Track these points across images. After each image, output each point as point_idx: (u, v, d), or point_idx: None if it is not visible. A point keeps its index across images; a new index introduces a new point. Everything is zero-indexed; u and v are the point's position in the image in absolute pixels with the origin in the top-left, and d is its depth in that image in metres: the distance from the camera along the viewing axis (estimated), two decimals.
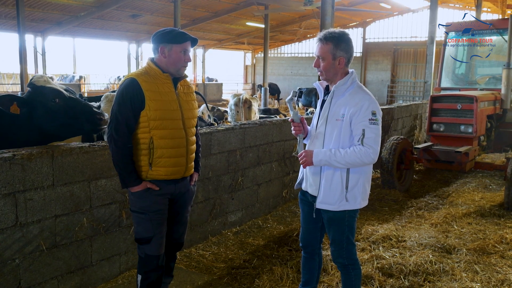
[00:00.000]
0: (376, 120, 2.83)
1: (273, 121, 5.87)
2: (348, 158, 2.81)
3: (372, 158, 2.83)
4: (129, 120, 2.89)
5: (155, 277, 3.09)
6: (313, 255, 3.31)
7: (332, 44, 2.87)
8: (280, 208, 5.97)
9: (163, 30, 3.01)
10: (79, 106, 3.41)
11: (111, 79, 29.45)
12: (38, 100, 3.32)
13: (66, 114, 3.36)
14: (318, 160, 2.89)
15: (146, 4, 19.86)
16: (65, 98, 3.37)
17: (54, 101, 3.33)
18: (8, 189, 3.04)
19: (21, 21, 13.96)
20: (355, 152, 2.80)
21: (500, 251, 4.59)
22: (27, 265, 3.22)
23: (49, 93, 3.33)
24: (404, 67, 27.97)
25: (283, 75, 32.41)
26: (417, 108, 10.27)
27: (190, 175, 3.21)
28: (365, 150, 2.80)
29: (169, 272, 3.39)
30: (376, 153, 2.84)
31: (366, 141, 2.81)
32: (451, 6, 25.22)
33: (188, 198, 3.25)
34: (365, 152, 2.80)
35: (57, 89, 3.38)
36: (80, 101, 3.47)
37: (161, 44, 2.97)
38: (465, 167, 6.95)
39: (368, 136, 2.81)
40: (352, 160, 2.82)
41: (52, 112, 3.34)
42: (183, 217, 3.28)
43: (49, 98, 3.32)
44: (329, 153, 2.85)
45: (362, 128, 2.81)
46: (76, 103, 3.42)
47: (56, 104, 3.33)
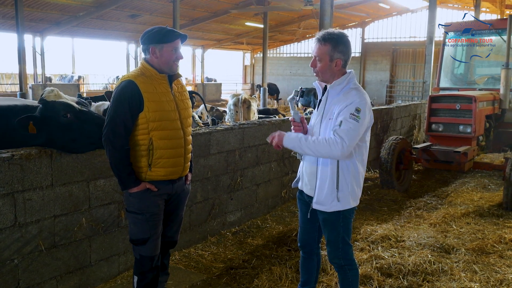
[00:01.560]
0: (357, 117, 2.73)
1: (272, 121, 5.87)
2: (318, 145, 2.74)
3: (341, 151, 2.70)
4: (127, 122, 2.88)
5: (151, 277, 3.10)
6: (311, 255, 3.31)
7: (330, 46, 2.84)
8: (279, 208, 5.97)
9: (151, 30, 2.98)
10: (91, 120, 3.32)
11: (110, 79, 29.41)
12: (49, 116, 3.24)
13: (78, 129, 3.27)
14: (288, 142, 2.86)
15: (145, 4, 19.83)
16: (76, 112, 3.29)
17: (66, 116, 3.24)
18: (7, 189, 3.04)
19: (20, 21, 13.93)
20: (326, 141, 2.72)
21: (499, 251, 4.60)
22: (26, 265, 3.21)
23: (60, 108, 3.25)
24: (403, 67, 27.96)
25: (282, 75, 32.37)
26: (416, 108, 10.28)
27: (185, 175, 3.23)
28: (334, 139, 2.71)
29: (164, 270, 3.39)
30: (347, 148, 2.70)
31: (339, 131, 2.71)
32: (449, 6, 25.24)
33: (183, 198, 3.28)
34: (334, 141, 2.70)
35: (68, 104, 3.31)
36: (92, 114, 3.38)
37: (151, 45, 2.96)
38: (464, 167, 6.95)
39: (342, 128, 2.71)
40: (321, 149, 2.74)
41: (64, 128, 3.25)
42: (178, 216, 3.30)
43: (60, 113, 3.23)
44: (301, 137, 2.81)
45: (340, 120, 2.75)
46: (88, 117, 3.33)
47: (67, 119, 3.24)
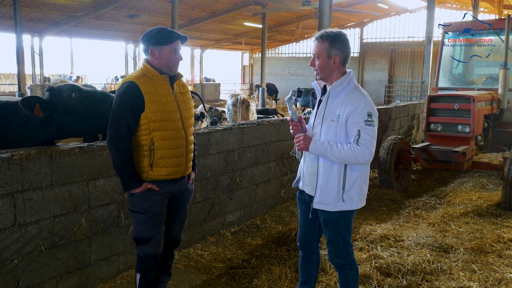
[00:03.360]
0: (372, 122, 2.83)
1: (271, 121, 5.88)
2: (344, 154, 2.81)
3: (367, 158, 2.83)
4: (130, 123, 2.89)
5: (153, 275, 3.12)
6: (310, 255, 3.31)
7: (327, 43, 2.87)
8: (278, 208, 5.97)
9: (151, 30, 2.99)
10: (97, 96, 3.34)
11: (108, 79, 29.38)
12: (56, 100, 3.28)
13: (86, 106, 3.29)
14: (314, 148, 2.88)
15: (144, 4, 19.82)
16: (81, 90, 3.32)
17: (71, 96, 3.28)
18: (7, 189, 3.04)
19: (18, 21, 13.94)
20: (351, 149, 2.80)
21: (498, 250, 4.61)
22: (25, 266, 3.22)
23: (65, 90, 3.30)
24: (402, 67, 28.01)
25: (281, 75, 32.39)
26: (414, 108, 10.29)
27: (188, 174, 3.23)
28: (360, 149, 2.80)
29: (167, 270, 3.40)
30: (371, 154, 2.84)
31: (361, 141, 2.81)
32: (448, 6, 25.30)
33: (186, 197, 3.28)
34: (360, 151, 2.80)
35: (72, 84, 3.35)
36: (97, 91, 3.41)
37: (151, 46, 2.97)
38: (463, 166, 6.97)
39: (363, 137, 2.81)
40: (347, 157, 2.81)
41: (71, 108, 3.28)
42: (181, 215, 3.31)
43: (65, 94, 3.28)
44: (327, 144, 2.84)
45: (357, 129, 2.81)
46: (94, 94, 3.35)
47: (73, 98, 3.28)
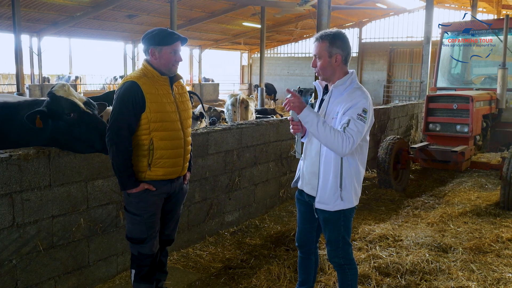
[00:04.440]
0: (364, 118, 2.79)
1: (270, 121, 5.88)
2: (330, 134, 2.74)
3: (349, 148, 2.75)
4: (131, 123, 2.90)
5: (148, 270, 3.15)
6: (309, 255, 3.31)
7: (327, 42, 2.88)
8: (277, 208, 5.97)
9: (152, 31, 3.00)
10: (94, 123, 3.22)
11: (107, 79, 29.38)
12: (55, 112, 3.18)
13: (80, 130, 3.19)
14: (307, 113, 2.80)
15: (143, 4, 19.82)
16: (80, 112, 3.20)
17: (69, 115, 3.16)
18: (5, 190, 3.04)
19: (16, 21, 13.93)
20: (338, 134, 2.74)
21: (496, 250, 4.61)
22: (24, 266, 3.21)
23: (66, 106, 3.17)
24: (400, 67, 28.03)
25: (280, 75, 32.41)
26: (413, 108, 10.30)
27: (184, 174, 3.26)
28: (345, 137, 2.74)
29: (162, 268, 3.42)
30: (352, 146, 2.76)
31: (348, 130, 2.75)
32: (446, 6, 25.31)
33: (181, 197, 3.31)
34: (345, 139, 2.73)
35: (74, 103, 3.21)
36: (96, 118, 3.29)
37: (151, 46, 2.97)
38: (461, 166, 6.98)
39: (351, 127, 2.76)
40: (332, 139, 2.74)
41: (66, 126, 3.19)
42: (175, 215, 3.34)
43: (64, 111, 3.16)
44: (319, 118, 2.79)
45: (348, 119, 2.78)
46: (91, 120, 3.23)
47: (71, 118, 3.17)
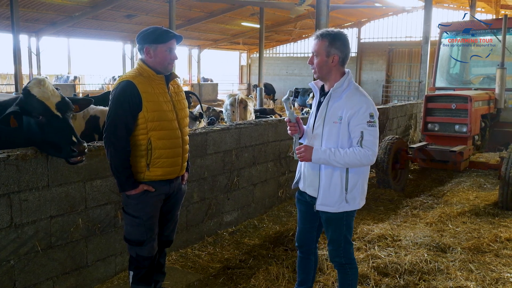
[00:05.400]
0: (374, 122, 2.85)
1: (268, 121, 5.88)
2: (348, 158, 2.82)
3: (371, 159, 2.85)
4: (128, 123, 2.88)
5: (146, 272, 3.14)
6: (308, 255, 3.31)
7: (327, 41, 2.88)
8: (275, 208, 5.97)
9: (147, 30, 2.98)
10: (59, 131, 3.08)
11: (106, 79, 29.31)
12: (26, 109, 3.08)
13: (45, 135, 3.08)
14: (317, 158, 2.88)
15: (141, 4, 19.80)
16: (49, 116, 3.07)
17: (38, 118, 3.06)
18: (3, 190, 3.03)
19: (15, 21, 13.89)
20: (355, 153, 2.82)
21: (495, 250, 4.62)
22: (22, 266, 3.20)
23: (37, 107, 3.05)
24: (399, 67, 28.03)
25: (279, 75, 32.39)
26: (412, 108, 10.31)
27: (182, 174, 3.24)
28: (364, 151, 2.81)
29: (161, 269, 3.40)
30: (375, 155, 2.86)
31: (365, 143, 2.82)
32: (445, 6, 25.33)
33: (179, 197, 3.30)
34: (364, 153, 2.81)
35: (44, 105, 3.07)
36: (64, 126, 3.09)
37: (146, 45, 2.96)
38: (460, 166, 6.98)
39: (367, 138, 2.83)
40: (351, 161, 2.83)
41: (34, 127, 3.10)
42: (174, 216, 3.32)
43: (34, 112, 3.05)
44: (329, 152, 2.85)
45: (360, 131, 2.83)
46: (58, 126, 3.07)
47: (39, 121, 3.06)
